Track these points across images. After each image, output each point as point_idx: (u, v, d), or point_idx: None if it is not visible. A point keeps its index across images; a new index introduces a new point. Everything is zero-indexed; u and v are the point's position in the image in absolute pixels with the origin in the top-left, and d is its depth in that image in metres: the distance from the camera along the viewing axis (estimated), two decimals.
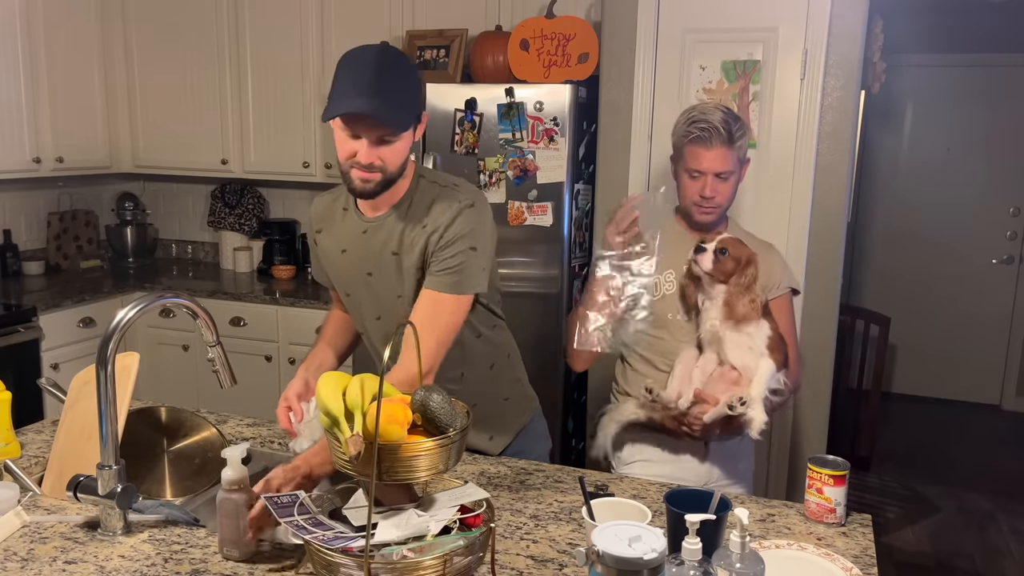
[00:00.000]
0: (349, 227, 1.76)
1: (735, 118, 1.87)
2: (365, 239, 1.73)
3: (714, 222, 1.94)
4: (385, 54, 1.56)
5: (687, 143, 1.87)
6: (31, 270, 3.92)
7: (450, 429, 1.20)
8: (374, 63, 1.53)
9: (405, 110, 1.56)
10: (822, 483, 1.53)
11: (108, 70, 3.99)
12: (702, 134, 1.84)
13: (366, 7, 3.62)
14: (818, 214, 2.83)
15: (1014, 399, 5.47)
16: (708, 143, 1.83)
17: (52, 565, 1.34)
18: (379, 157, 1.57)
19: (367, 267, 1.75)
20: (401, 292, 1.73)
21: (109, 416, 1.41)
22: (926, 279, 5.54)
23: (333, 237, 1.79)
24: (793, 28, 2.77)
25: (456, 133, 3.12)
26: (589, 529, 1.30)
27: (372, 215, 1.73)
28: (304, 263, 4.18)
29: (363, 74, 1.52)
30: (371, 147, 1.55)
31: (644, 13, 2.92)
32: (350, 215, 1.76)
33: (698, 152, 1.85)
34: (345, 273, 1.80)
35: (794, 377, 1.94)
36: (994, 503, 4.07)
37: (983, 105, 5.29)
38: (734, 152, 1.85)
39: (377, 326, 1.81)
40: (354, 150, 1.56)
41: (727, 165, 1.85)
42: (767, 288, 1.92)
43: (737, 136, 1.84)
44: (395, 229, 1.70)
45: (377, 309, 1.79)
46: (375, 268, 1.74)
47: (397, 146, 1.58)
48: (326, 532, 1.19)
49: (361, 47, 1.58)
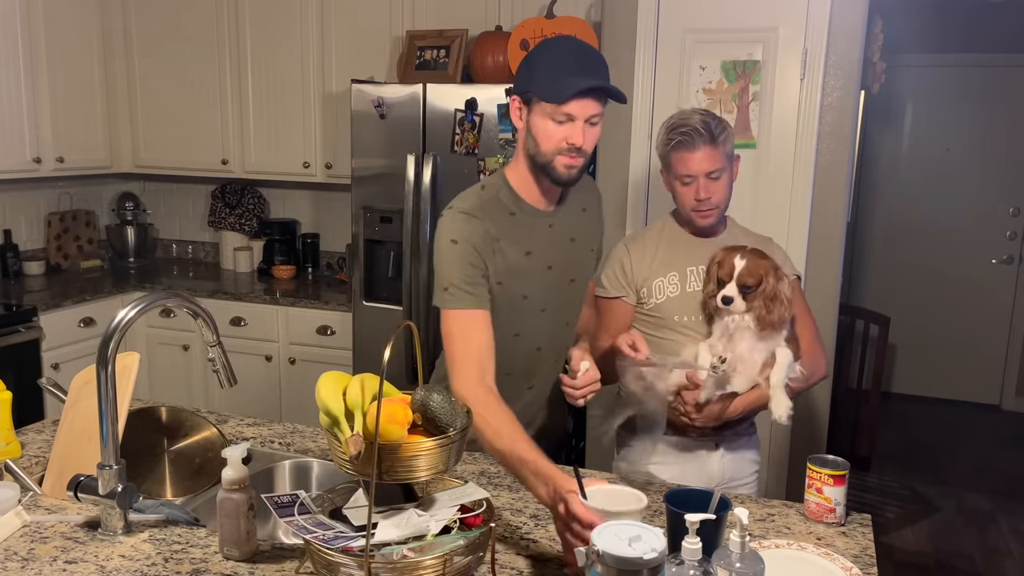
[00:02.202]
0: (530, 227, 1.72)
1: (714, 117, 1.88)
2: (551, 233, 1.75)
3: (715, 224, 1.95)
4: (585, 43, 1.65)
5: (671, 150, 1.88)
6: (31, 270, 3.92)
7: (450, 429, 1.20)
8: (582, 48, 1.62)
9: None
10: (822, 483, 1.53)
11: (108, 70, 3.99)
12: (683, 138, 1.85)
13: (366, 7, 3.63)
14: (818, 214, 2.83)
15: (1014, 399, 5.47)
16: (691, 146, 1.84)
17: (52, 565, 1.34)
18: (587, 139, 1.60)
19: (550, 261, 1.76)
20: (575, 276, 1.83)
21: (109, 416, 1.41)
22: (926, 279, 5.54)
23: (515, 243, 1.70)
24: (793, 28, 2.77)
25: (456, 133, 3.12)
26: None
27: (549, 208, 1.75)
28: (304, 263, 4.19)
29: (578, 56, 1.59)
30: (583, 128, 1.58)
31: (644, 13, 2.92)
32: (523, 217, 1.71)
33: (684, 157, 1.86)
34: (528, 275, 1.72)
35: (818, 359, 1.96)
36: (994, 503, 4.07)
37: (983, 105, 5.29)
38: (719, 150, 1.85)
39: (542, 319, 1.78)
40: (565, 134, 1.58)
41: (715, 164, 1.85)
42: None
43: (718, 134, 1.85)
44: (570, 216, 1.79)
45: (546, 302, 1.77)
46: (556, 260, 1.77)
47: (598, 128, 1.62)
48: (326, 532, 1.19)
49: (557, 38, 1.68)
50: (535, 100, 1.60)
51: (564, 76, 1.56)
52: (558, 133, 1.59)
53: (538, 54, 1.63)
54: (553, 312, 1.80)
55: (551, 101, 1.56)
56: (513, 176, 1.72)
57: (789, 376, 1.80)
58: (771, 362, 1.81)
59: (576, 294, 1.85)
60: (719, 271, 1.83)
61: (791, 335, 1.85)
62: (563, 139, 1.59)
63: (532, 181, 1.70)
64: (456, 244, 1.65)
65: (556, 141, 1.59)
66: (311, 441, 1.92)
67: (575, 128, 1.58)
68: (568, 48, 1.62)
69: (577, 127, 1.58)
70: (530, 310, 1.76)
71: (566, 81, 1.55)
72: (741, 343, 1.81)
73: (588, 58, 1.60)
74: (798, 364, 1.84)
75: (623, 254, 1.99)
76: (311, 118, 3.80)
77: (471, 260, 1.64)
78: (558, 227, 1.76)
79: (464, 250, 1.64)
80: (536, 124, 1.61)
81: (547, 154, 1.61)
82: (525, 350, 1.79)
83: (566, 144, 1.59)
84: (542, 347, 1.81)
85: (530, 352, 1.80)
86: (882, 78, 3.92)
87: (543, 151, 1.61)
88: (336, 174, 3.78)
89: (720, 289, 1.81)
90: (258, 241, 4.24)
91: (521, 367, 1.80)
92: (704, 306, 1.91)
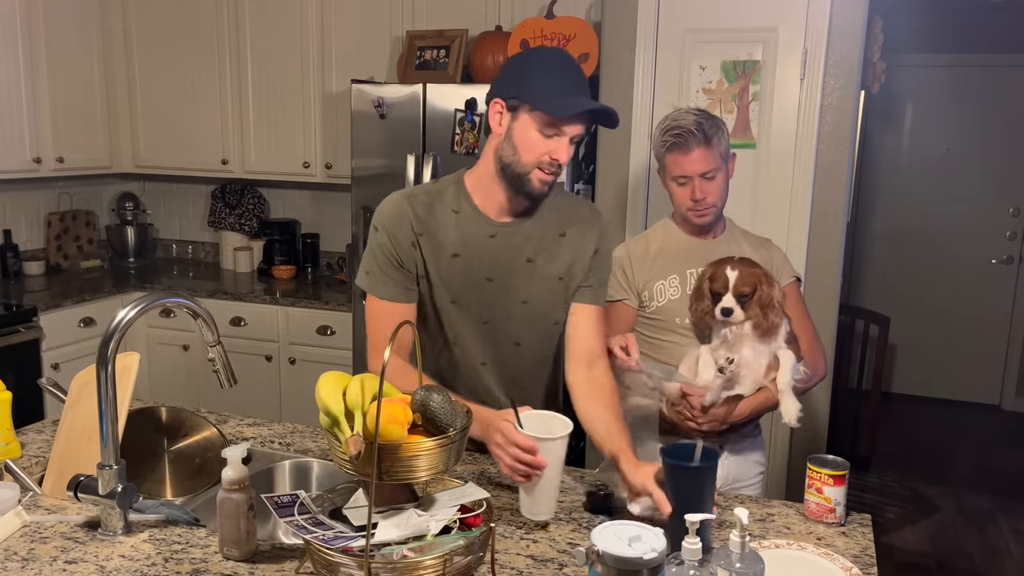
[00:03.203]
0: (467, 230, 1.68)
1: (708, 117, 1.88)
2: (492, 243, 1.68)
3: (712, 223, 1.95)
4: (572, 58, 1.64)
5: (666, 152, 1.89)
6: (31, 270, 3.92)
7: (450, 429, 1.20)
8: (575, 65, 1.60)
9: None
10: (822, 483, 1.53)
11: (108, 70, 3.99)
12: (677, 140, 1.85)
13: (366, 7, 3.63)
14: (818, 214, 2.83)
15: (1014, 399, 5.48)
16: (686, 147, 1.84)
17: (52, 565, 1.34)
18: (568, 157, 1.59)
19: (487, 272, 1.69)
20: (527, 298, 1.72)
21: (109, 416, 1.41)
22: (926, 279, 5.55)
23: (440, 241, 1.68)
24: (793, 28, 2.77)
25: (456, 133, 3.12)
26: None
27: (502, 219, 1.69)
28: (304, 263, 4.19)
29: (576, 75, 1.58)
30: (569, 146, 1.57)
31: (644, 13, 2.92)
32: (465, 218, 1.68)
33: (678, 158, 1.86)
34: (454, 279, 1.70)
35: (818, 360, 1.96)
36: (994, 503, 4.07)
37: (983, 105, 5.29)
38: (713, 150, 1.85)
39: (484, 331, 1.74)
40: (550, 149, 1.56)
41: (709, 164, 1.85)
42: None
43: (712, 134, 1.85)
44: (531, 235, 1.70)
45: (487, 315, 1.72)
46: (498, 273, 1.70)
47: (574, 147, 1.61)
48: (326, 532, 1.19)
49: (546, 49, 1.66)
50: (524, 108, 1.56)
51: (567, 92, 1.54)
52: (543, 146, 1.56)
53: (533, 63, 1.59)
54: (497, 328, 1.74)
55: (551, 114, 1.53)
56: (471, 178, 1.70)
57: (794, 377, 1.81)
58: (775, 365, 1.81)
59: (531, 317, 1.74)
60: (712, 285, 1.81)
61: (791, 336, 1.85)
62: (547, 153, 1.56)
63: (493, 188, 1.66)
64: (377, 231, 1.69)
65: (539, 154, 1.57)
66: (311, 441, 1.92)
67: (561, 144, 1.56)
68: (566, 63, 1.59)
69: (563, 143, 1.56)
70: (464, 318, 1.72)
71: (570, 98, 1.54)
72: (743, 348, 1.81)
73: (582, 77, 1.60)
74: (801, 365, 1.84)
75: (623, 257, 1.98)
76: (311, 118, 3.80)
77: (385, 250, 1.68)
78: (504, 241, 1.69)
79: (381, 239, 1.68)
80: (519, 133, 1.57)
81: (526, 165, 1.58)
82: (466, 362, 1.76)
83: (548, 159, 1.57)
84: (487, 362, 1.77)
85: (473, 366, 1.76)
86: (882, 78, 3.92)
87: (523, 161, 1.58)
88: (336, 174, 3.78)
89: (716, 302, 1.80)
90: (258, 241, 4.24)
91: (465, 379, 1.76)
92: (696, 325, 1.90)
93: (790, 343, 1.83)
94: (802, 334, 1.93)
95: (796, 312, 1.94)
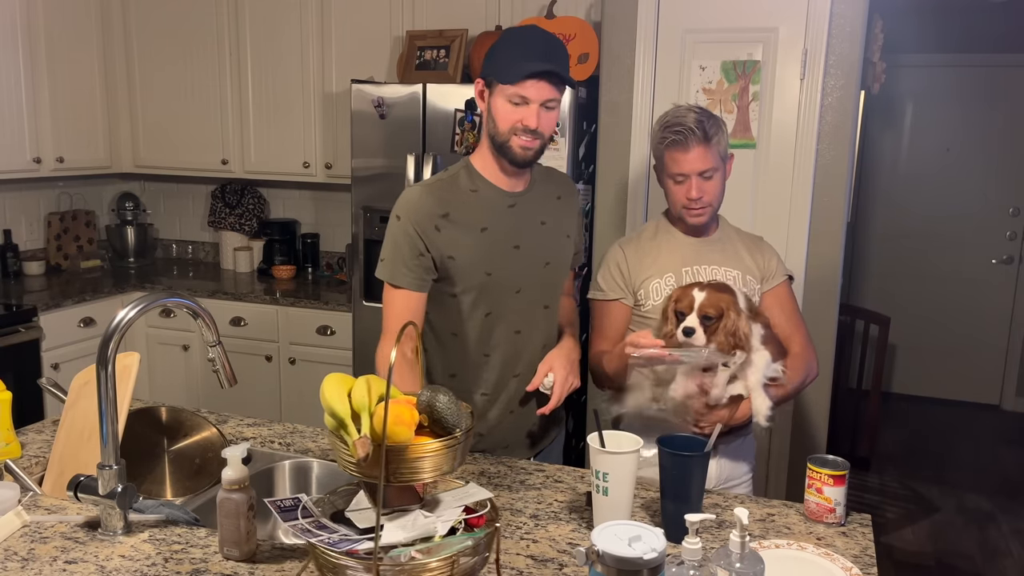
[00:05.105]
0: (489, 205, 1.80)
1: (708, 116, 1.86)
2: (513, 213, 1.81)
3: (706, 223, 1.94)
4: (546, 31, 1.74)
5: (665, 149, 1.87)
6: (31, 270, 3.92)
7: (456, 430, 1.20)
8: (542, 35, 1.71)
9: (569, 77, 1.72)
10: (822, 483, 1.53)
11: (108, 70, 3.99)
12: (677, 137, 1.84)
13: (366, 7, 3.63)
14: (818, 214, 2.83)
15: (1014, 399, 5.48)
16: (685, 145, 1.83)
17: (52, 565, 1.34)
18: (542, 123, 1.69)
19: (516, 240, 1.81)
20: (550, 259, 1.87)
21: (109, 416, 1.41)
22: (926, 279, 5.55)
23: (467, 218, 1.78)
24: (793, 28, 2.77)
25: (456, 133, 3.12)
26: (595, 455, 1.43)
27: (515, 189, 1.82)
28: (304, 263, 4.19)
29: (537, 42, 1.69)
30: (539, 112, 1.68)
31: (644, 13, 2.92)
32: (484, 195, 1.80)
33: (677, 156, 1.85)
34: (486, 251, 1.79)
35: (811, 360, 1.95)
36: (994, 503, 4.07)
37: (983, 105, 5.29)
38: (713, 149, 1.84)
39: (517, 301, 1.84)
40: (519, 116, 1.68)
41: (708, 164, 1.84)
42: (764, 279, 1.95)
43: (712, 133, 1.84)
44: (541, 199, 1.86)
45: (519, 282, 1.83)
46: (524, 240, 1.82)
47: (554, 113, 1.73)
48: (331, 535, 1.18)
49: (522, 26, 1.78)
50: (495, 83, 1.70)
51: (519, 59, 1.66)
52: (514, 115, 1.69)
53: (500, 41, 1.74)
54: (529, 294, 1.85)
55: (505, 82, 1.67)
56: (477, 158, 1.82)
57: (767, 376, 1.80)
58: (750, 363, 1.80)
59: (553, 278, 1.90)
60: (677, 305, 1.80)
61: (768, 336, 1.83)
62: (519, 120, 1.69)
63: (494, 162, 1.79)
64: (399, 220, 1.77)
65: (512, 122, 1.69)
66: (311, 441, 1.92)
67: (530, 111, 1.68)
68: (527, 34, 1.72)
69: (532, 110, 1.68)
70: (499, 289, 1.81)
71: (520, 64, 1.66)
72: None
73: (546, 44, 1.69)
74: (778, 364, 1.83)
75: (619, 256, 1.97)
76: (311, 118, 3.80)
77: (409, 239, 1.75)
78: (523, 208, 1.82)
79: (403, 228, 1.76)
80: (496, 105, 1.71)
81: (504, 134, 1.71)
82: (503, 333, 1.84)
83: (521, 125, 1.69)
84: (522, 331, 1.85)
85: (509, 335, 1.85)
86: (882, 78, 3.92)
87: (501, 131, 1.71)
88: (336, 174, 3.78)
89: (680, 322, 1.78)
90: (258, 241, 4.24)
91: (503, 351, 1.85)
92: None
93: (766, 343, 1.81)
94: (794, 333, 1.93)
95: (788, 311, 1.93)
